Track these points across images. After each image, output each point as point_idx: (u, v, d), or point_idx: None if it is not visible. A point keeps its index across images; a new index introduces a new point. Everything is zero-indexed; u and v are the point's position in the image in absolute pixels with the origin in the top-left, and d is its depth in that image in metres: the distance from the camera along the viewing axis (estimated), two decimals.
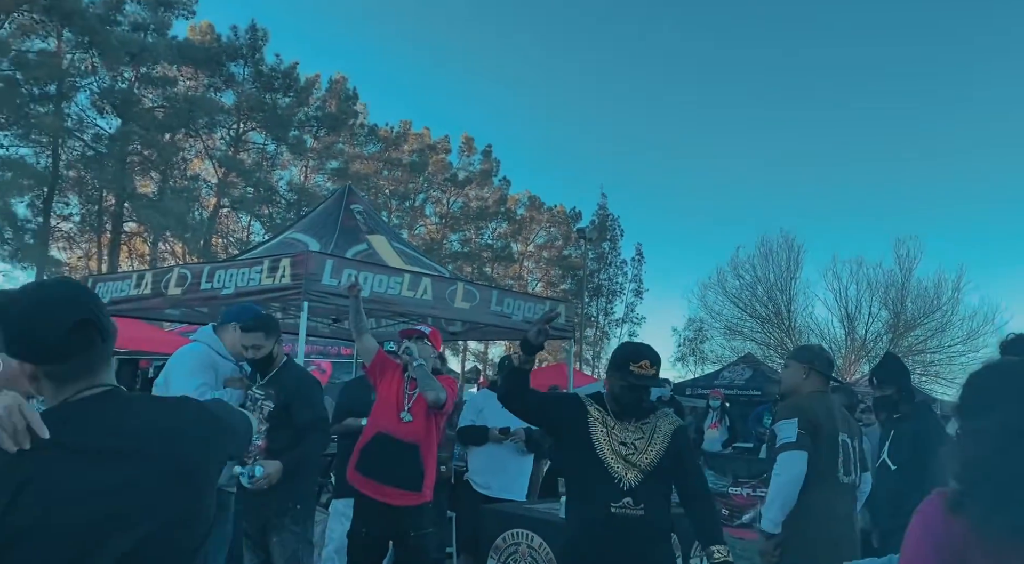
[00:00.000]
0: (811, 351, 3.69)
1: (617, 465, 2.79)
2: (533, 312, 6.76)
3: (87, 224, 27.58)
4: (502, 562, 4.32)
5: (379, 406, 4.16)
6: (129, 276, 5.85)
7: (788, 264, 25.24)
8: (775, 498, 3.29)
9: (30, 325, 1.28)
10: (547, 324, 2.79)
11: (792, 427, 3.32)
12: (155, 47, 25.79)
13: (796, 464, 3.29)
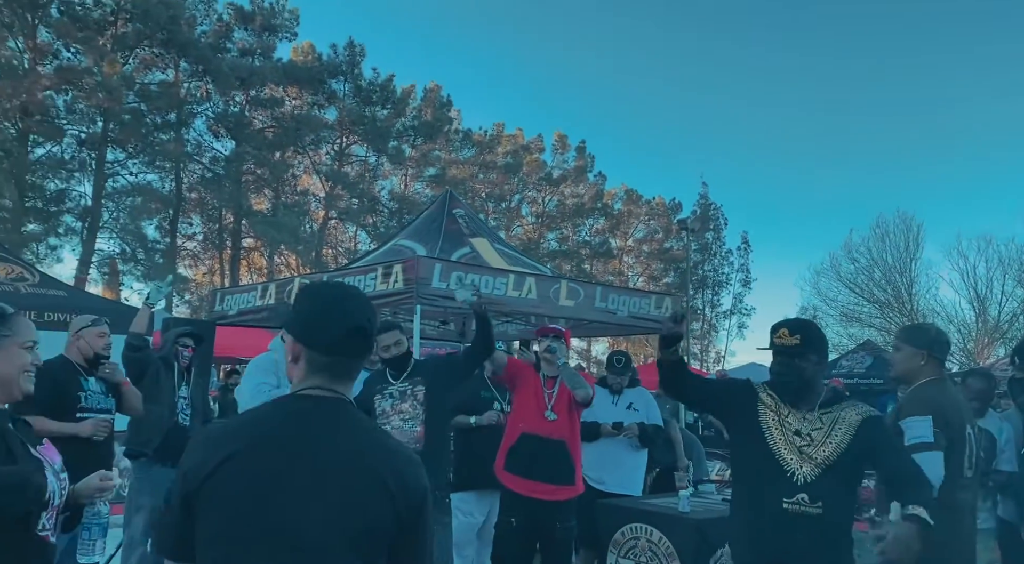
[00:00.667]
0: (927, 333, 3.40)
1: (791, 457, 2.54)
2: (638, 307, 6.72)
3: (209, 242, 29.46)
4: (622, 556, 4.34)
5: (521, 408, 4.29)
6: (254, 288, 6.23)
7: (907, 244, 23.92)
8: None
9: (319, 313, 1.38)
10: (679, 321, 2.73)
11: (927, 425, 3.05)
12: (262, 70, 27.27)
13: (935, 467, 3.09)
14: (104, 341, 4.02)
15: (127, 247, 25.75)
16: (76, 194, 24.69)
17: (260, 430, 1.35)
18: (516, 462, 4.16)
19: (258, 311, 5.96)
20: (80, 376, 3.96)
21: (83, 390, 3.93)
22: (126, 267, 26.09)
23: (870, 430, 2.58)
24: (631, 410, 5.08)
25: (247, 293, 6.15)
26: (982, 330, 22.82)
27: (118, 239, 25.68)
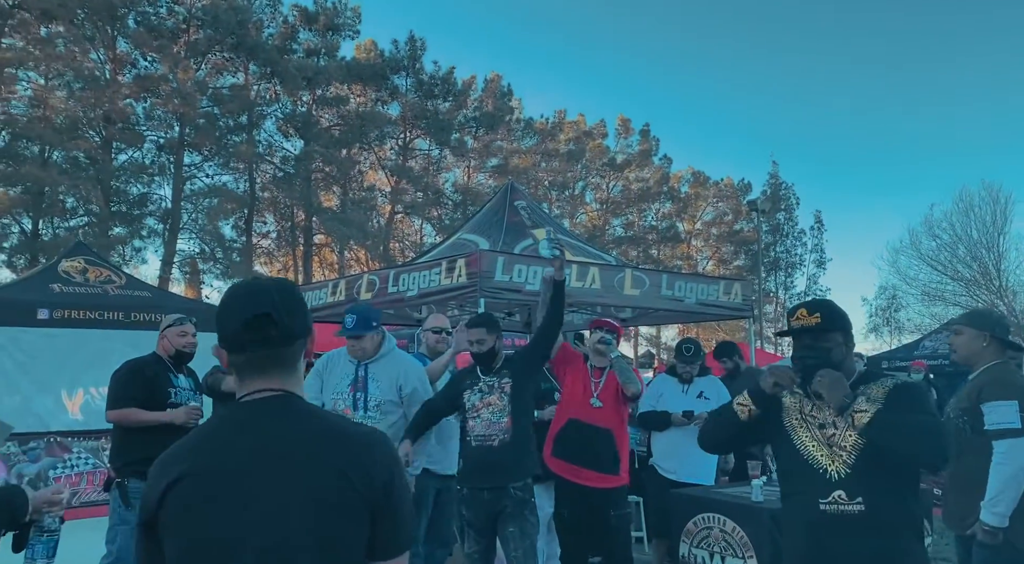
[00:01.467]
0: (989, 316, 3.45)
1: (820, 453, 2.30)
2: (706, 293, 6.62)
3: (283, 239, 30.38)
4: (695, 546, 4.31)
5: (568, 394, 4.39)
6: (325, 285, 6.42)
7: (994, 218, 22.69)
8: (1005, 490, 3.04)
9: (220, 312, 1.35)
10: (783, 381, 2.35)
11: (1012, 410, 3.06)
12: (327, 69, 27.87)
13: (1019, 453, 3.03)
14: (185, 340, 4.23)
15: (206, 247, 26.80)
16: (157, 197, 25.86)
17: (206, 447, 1.30)
18: (563, 448, 4.25)
19: (329, 307, 6.14)
20: (170, 372, 4.19)
21: (173, 386, 4.16)
22: (206, 266, 27.18)
23: (899, 397, 2.28)
24: (702, 399, 5.02)
25: (318, 290, 6.34)
26: None
27: (197, 239, 26.78)
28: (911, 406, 2.24)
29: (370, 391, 3.84)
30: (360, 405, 3.82)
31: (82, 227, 23.18)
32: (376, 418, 3.82)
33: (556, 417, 4.46)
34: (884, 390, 2.30)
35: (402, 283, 5.51)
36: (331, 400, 3.89)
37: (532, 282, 5.53)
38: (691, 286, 6.49)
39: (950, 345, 3.58)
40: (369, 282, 5.77)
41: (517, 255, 5.69)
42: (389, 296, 5.62)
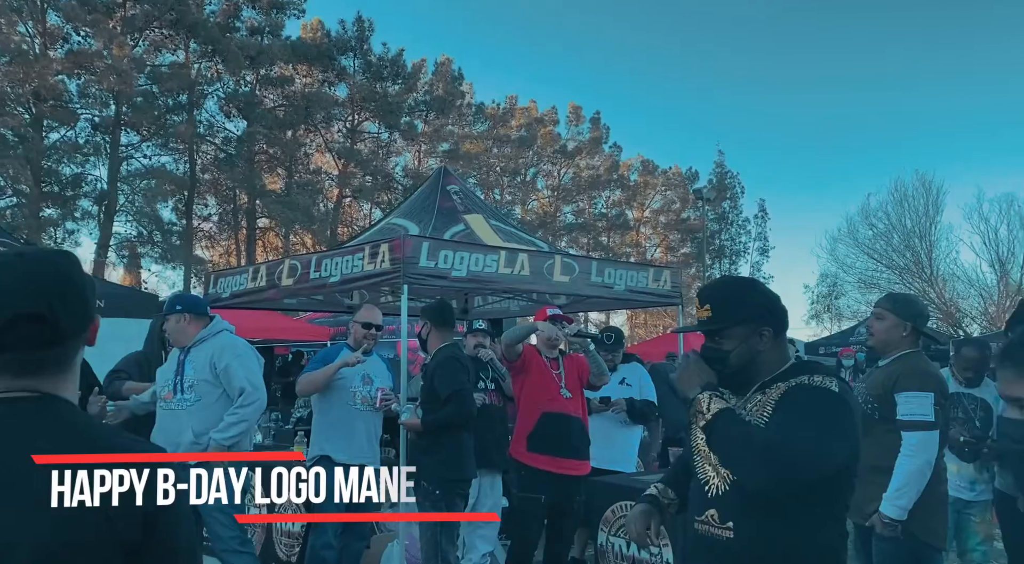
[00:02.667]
0: (913, 305, 3.32)
1: (706, 462, 1.89)
2: (636, 281, 6.62)
3: (224, 223, 29.64)
4: (612, 534, 4.31)
5: (535, 390, 4.48)
6: (246, 270, 6.22)
7: (926, 208, 23.51)
8: (908, 485, 2.98)
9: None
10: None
11: (928, 402, 3.02)
12: (271, 49, 27.16)
13: (932, 447, 3.02)
14: None
15: (144, 230, 25.99)
16: (92, 178, 24.94)
17: None
18: (541, 442, 4.35)
19: (250, 293, 5.96)
20: None
21: None
22: (144, 250, 26.38)
23: (787, 401, 1.80)
24: (623, 385, 5.04)
25: (239, 275, 6.15)
26: (1003, 294, 22.42)
27: (135, 222, 25.95)
28: (791, 413, 1.76)
29: (186, 373, 4.00)
30: (178, 388, 3.97)
31: (10, 208, 22.22)
32: (191, 399, 3.96)
33: (522, 414, 4.51)
34: (778, 394, 1.83)
35: (324, 269, 5.36)
36: (160, 386, 4.05)
37: (459, 269, 5.43)
38: (620, 273, 6.47)
39: (868, 328, 3.46)
40: (291, 267, 5.61)
41: (444, 241, 5.58)
42: (311, 282, 5.47)
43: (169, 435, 3.89)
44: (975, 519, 4.09)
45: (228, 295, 6.19)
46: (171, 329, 4.13)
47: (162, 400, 4.07)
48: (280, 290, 5.80)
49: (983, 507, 4.09)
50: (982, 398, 4.09)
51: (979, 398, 4.09)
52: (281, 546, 5.00)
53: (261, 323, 9.82)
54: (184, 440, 3.89)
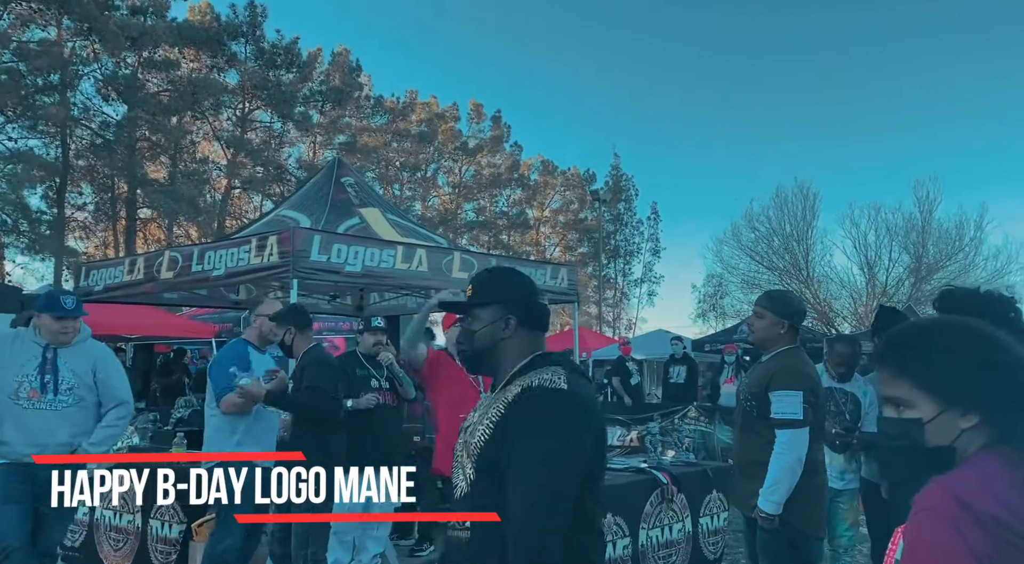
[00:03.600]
0: (790, 303, 3.40)
1: (457, 461, 1.77)
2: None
3: (101, 212, 27.78)
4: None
5: (453, 400, 4.18)
6: (121, 262, 5.82)
7: (804, 213, 24.91)
8: (781, 480, 3.11)
9: None
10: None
11: (797, 401, 3.13)
12: (155, 30, 25.62)
13: (803, 444, 3.13)
14: None
15: (8, 218, 23.95)
16: None
17: None
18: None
19: (126, 286, 5.58)
20: None
21: None
22: (8, 239, 24.34)
23: (513, 413, 1.64)
24: None
25: (114, 267, 5.74)
26: (871, 294, 24.12)
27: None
28: (510, 422, 1.63)
29: (62, 374, 3.82)
30: (50, 388, 3.80)
31: None
32: (68, 402, 3.81)
33: (443, 426, 4.29)
34: (513, 395, 1.68)
35: (208, 261, 5.09)
36: (14, 382, 3.74)
37: (353, 263, 5.29)
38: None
39: (749, 325, 3.63)
40: (171, 259, 5.29)
41: (337, 235, 5.42)
42: (194, 275, 5.18)
43: (33, 435, 3.65)
44: (843, 506, 4.33)
45: (102, 288, 5.77)
46: (76, 328, 3.91)
47: (24, 398, 3.75)
48: (159, 283, 5.46)
49: (851, 495, 4.34)
50: (852, 392, 4.33)
51: (849, 392, 4.33)
52: (157, 553, 4.72)
53: (138, 319, 9.24)
54: (53, 441, 3.67)
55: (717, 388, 10.47)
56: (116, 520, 4.85)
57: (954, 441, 1.17)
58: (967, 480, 1.10)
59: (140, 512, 4.72)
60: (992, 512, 1.05)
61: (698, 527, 5.08)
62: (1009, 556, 1.03)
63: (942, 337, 1.23)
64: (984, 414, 1.15)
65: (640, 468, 4.97)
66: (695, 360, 12.06)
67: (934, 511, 1.08)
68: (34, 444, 3.56)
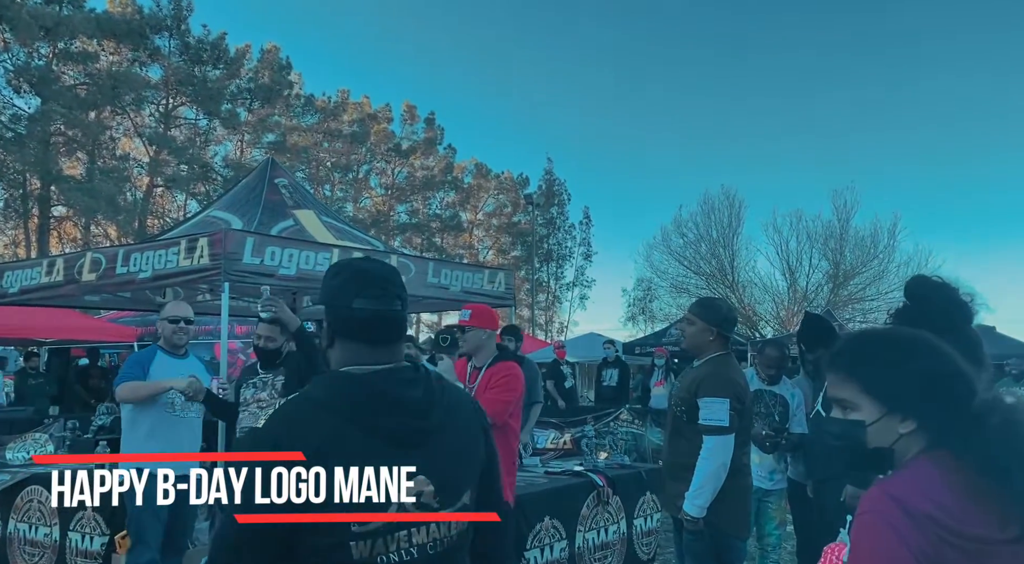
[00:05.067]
0: (719, 311, 3.48)
1: None
2: (472, 282, 6.66)
3: (11, 209, 26.35)
4: None
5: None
6: (39, 263, 5.53)
7: (730, 220, 25.66)
8: (706, 485, 3.19)
9: None
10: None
11: (724, 408, 3.21)
12: (71, 20, 24.48)
13: (727, 450, 3.22)
14: None
15: None
16: None
17: None
18: None
19: (45, 289, 5.31)
20: None
21: None
22: None
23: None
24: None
25: (31, 269, 5.45)
26: (792, 299, 25.06)
27: None
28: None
29: None
30: None
31: None
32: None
33: None
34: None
35: (133, 263, 4.89)
36: None
37: (288, 266, 5.18)
38: (456, 274, 6.49)
39: (681, 332, 3.77)
40: (93, 261, 5.06)
41: (271, 237, 5.29)
42: (117, 277, 4.97)
43: None
44: (772, 506, 4.49)
45: (17, 290, 5.47)
46: None
47: None
48: (80, 286, 5.22)
49: (779, 495, 4.50)
50: (781, 394, 4.49)
51: (778, 394, 4.49)
52: (24, 554, 4.54)
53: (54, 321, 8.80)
54: None
55: (648, 391, 10.68)
56: (32, 533, 4.60)
57: (893, 444, 1.24)
58: (904, 482, 1.17)
59: (58, 524, 4.49)
60: (927, 512, 1.11)
61: (632, 528, 5.17)
62: (945, 553, 1.09)
63: (889, 346, 1.31)
64: (921, 420, 1.22)
65: (576, 471, 5.03)
66: (627, 363, 12.26)
67: (875, 513, 1.14)
68: None
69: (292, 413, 1.49)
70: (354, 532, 1.40)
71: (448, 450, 1.53)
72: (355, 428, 1.45)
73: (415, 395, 1.52)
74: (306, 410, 1.47)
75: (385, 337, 1.55)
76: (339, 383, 1.51)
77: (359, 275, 1.57)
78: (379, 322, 1.53)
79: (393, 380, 1.52)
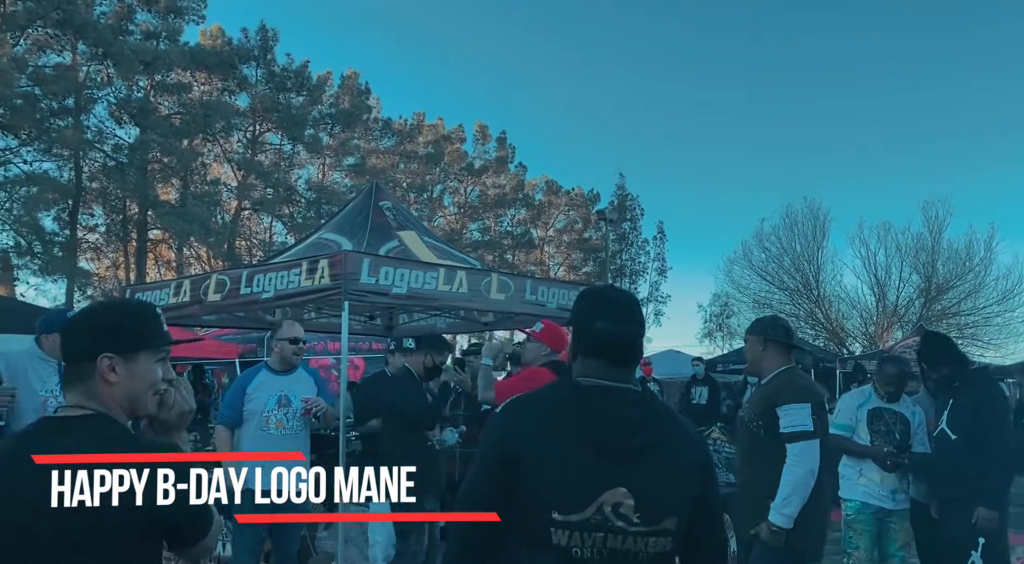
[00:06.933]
0: (763, 322, 3.54)
1: None
2: (568, 298, 6.71)
3: (113, 234, 27.93)
4: None
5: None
6: (167, 285, 5.88)
7: (814, 233, 25.00)
8: (794, 493, 3.13)
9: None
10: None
11: (806, 412, 3.18)
12: (168, 54, 25.96)
13: (814, 455, 3.17)
14: None
15: (22, 240, 24.10)
16: None
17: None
18: None
19: (172, 309, 5.63)
20: None
21: None
22: (21, 261, 24.44)
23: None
24: None
25: (159, 290, 5.80)
26: (882, 314, 24.14)
27: (12, 231, 24.00)
28: None
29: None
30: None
31: None
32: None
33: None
34: None
35: (256, 284, 5.14)
36: (39, 398, 3.83)
37: (399, 285, 5.35)
38: (553, 291, 6.55)
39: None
40: (218, 282, 5.34)
41: (384, 257, 5.48)
42: (242, 298, 5.23)
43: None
44: (895, 526, 4.36)
45: None
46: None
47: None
48: (205, 306, 5.52)
49: (903, 515, 4.37)
50: (901, 412, 4.38)
51: (898, 412, 4.38)
52: None
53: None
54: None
55: (740, 409, 10.48)
56: None
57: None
58: None
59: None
60: None
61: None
62: None
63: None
64: None
65: None
66: (716, 381, 12.07)
67: None
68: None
69: (517, 406, 1.71)
70: (555, 519, 1.56)
71: (655, 475, 1.62)
72: (568, 431, 1.61)
73: (631, 414, 1.65)
74: (532, 405, 1.70)
75: (620, 359, 1.70)
76: (567, 388, 1.71)
77: (603, 300, 1.77)
78: (616, 343, 1.70)
79: (615, 396, 1.66)
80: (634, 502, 1.57)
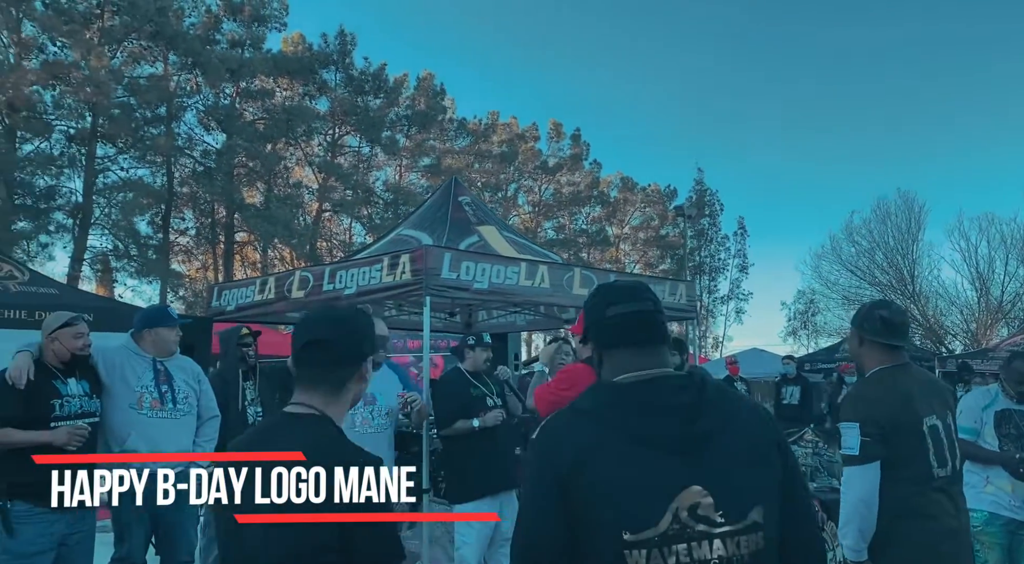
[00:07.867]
0: (860, 310, 3.01)
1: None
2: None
3: (202, 237, 29.08)
4: None
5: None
6: (252, 282, 5.98)
7: (909, 226, 23.76)
8: (847, 523, 2.75)
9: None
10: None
11: (853, 434, 2.74)
12: (252, 61, 26.84)
13: (862, 481, 2.73)
14: (82, 341, 3.73)
15: (120, 243, 25.36)
16: (66, 190, 24.24)
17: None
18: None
19: (257, 306, 5.71)
20: (56, 380, 3.64)
21: (60, 396, 3.60)
22: (119, 263, 25.72)
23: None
24: None
25: (245, 287, 5.89)
26: (985, 310, 22.66)
27: (110, 235, 25.28)
28: None
29: (177, 384, 4.00)
30: (168, 398, 3.96)
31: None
32: (184, 410, 3.98)
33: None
34: None
35: (339, 280, 5.14)
36: (135, 393, 3.87)
37: (480, 280, 5.26)
38: None
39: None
40: (302, 279, 5.38)
41: (465, 252, 5.40)
42: (324, 294, 5.24)
43: (157, 444, 3.80)
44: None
45: (233, 308, 5.93)
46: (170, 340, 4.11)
47: (147, 408, 3.90)
48: (289, 303, 5.56)
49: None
50: None
51: None
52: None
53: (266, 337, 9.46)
54: (174, 450, 3.84)
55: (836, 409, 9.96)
56: None
57: None
58: None
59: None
60: None
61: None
62: None
63: None
64: None
65: None
66: (809, 380, 11.54)
67: None
68: (161, 451, 3.73)
69: (554, 424, 1.55)
70: (626, 540, 1.37)
71: (728, 462, 1.43)
72: (617, 435, 1.43)
73: (683, 400, 1.47)
74: (567, 420, 1.52)
75: (644, 337, 1.57)
76: (602, 392, 1.54)
77: (608, 289, 1.69)
78: (633, 322, 1.57)
79: (658, 385, 1.50)
80: (713, 499, 1.38)
